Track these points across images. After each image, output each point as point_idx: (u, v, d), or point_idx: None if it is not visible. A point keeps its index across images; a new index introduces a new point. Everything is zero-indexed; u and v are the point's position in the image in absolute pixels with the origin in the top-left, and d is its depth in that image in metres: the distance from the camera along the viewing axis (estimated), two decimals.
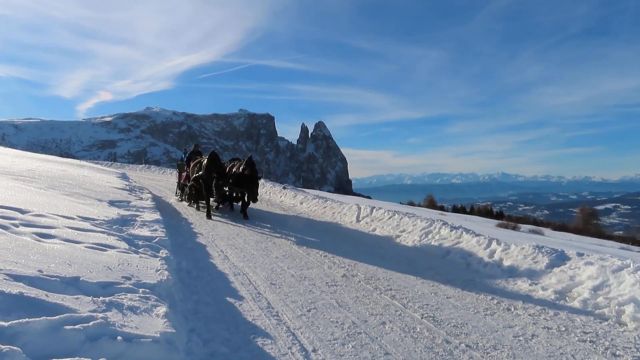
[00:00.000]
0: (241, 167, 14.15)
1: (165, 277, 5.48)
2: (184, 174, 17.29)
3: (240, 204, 15.31)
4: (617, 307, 6.17)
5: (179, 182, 18.83)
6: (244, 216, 14.23)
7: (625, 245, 26.96)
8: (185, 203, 16.89)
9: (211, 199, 14.77)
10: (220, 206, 16.09)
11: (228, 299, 6.25)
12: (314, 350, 4.76)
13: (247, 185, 13.96)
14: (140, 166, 42.04)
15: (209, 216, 13.93)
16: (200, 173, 14.59)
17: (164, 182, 27.18)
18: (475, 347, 5.08)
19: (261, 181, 23.80)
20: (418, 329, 5.52)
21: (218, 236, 10.91)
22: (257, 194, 14.18)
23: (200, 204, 16.05)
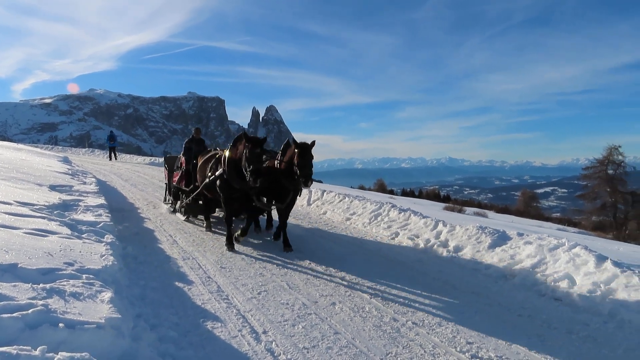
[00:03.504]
0: (295, 161, 7.92)
1: (111, 263, 5.33)
2: (177, 171, 11.60)
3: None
4: (553, 283, 6.51)
5: (168, 184, 12.67)
6: (286, 246, 8.48)
7: (562, 226, 28.47)
8: (180, 216, 11.15)
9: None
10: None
11: (177, 283, 6.17)
12: (264, 332, 4.78)
13: (294, 191, 8.62)
14: (84, 150, 40.53)
15: (231, 246, 8.26)
16: (219, 173, 8.55)
17: (109, 166, 26.30)
18: (421, 324, 5.24)
19: None
20: (367, 309, 5.63)
21: (167, 221, 10.69)
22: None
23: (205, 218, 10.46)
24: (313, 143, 8.04)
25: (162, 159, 32.34)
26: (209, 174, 9.00)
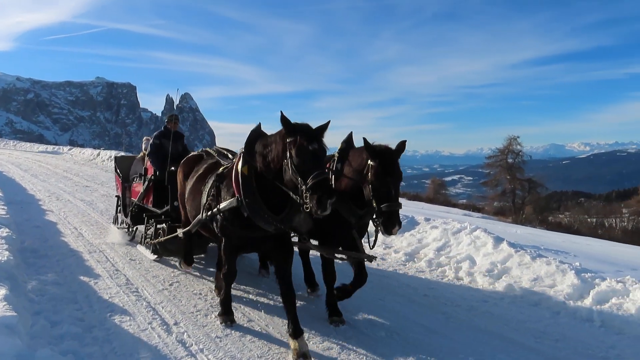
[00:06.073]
0: (369, 180, 4.42)
1: (6, 258, 5.00)
2: (139, 182, 7.75)
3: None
4: (455, 264, 6.96)
5: (123, 199, 8.44)
6: (332, 315, 4.99)
7: (467, 212, 30.32)
8: (148, 254, 6.97)
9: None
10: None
11: (81, 277, 5.87)
12: (176, 324, 4.69)
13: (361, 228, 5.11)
14: None
15: (228, 316, 4.83)
16: (228, 205, 4.45)
17: (5, 155, 24.34)
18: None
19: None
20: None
21: (71, 213, 10.11)
22: None
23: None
24: (402, 146, 4.58)
25: (67, 148, 30.32)
26: (206, 199, 4.90)
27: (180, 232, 5.99)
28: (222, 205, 4.51)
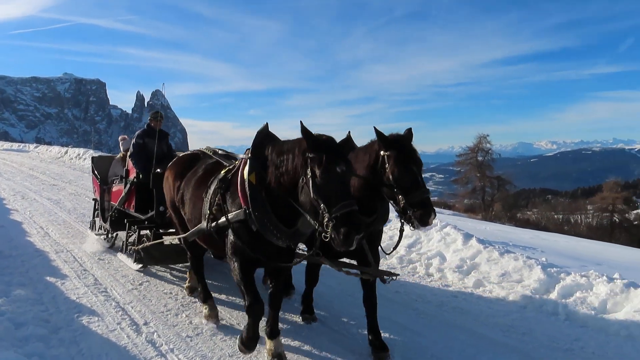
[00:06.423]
0: (389, 174, 3.91)
1: None
2: (120, 185, 7.17)
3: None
4: (426, 261, 7.06)
5: (101, 203, 7.75)
6: (305, 312, 5.11)
7: (438, 209, 30.68)
8: (131, 264, 6.41)
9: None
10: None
11: (48, 278, 5.75)
12: (146, 324, 4.64)
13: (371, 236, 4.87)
14: None
15: (252, 345, 4.03)
16: (236, 217, 3.87)
17: None
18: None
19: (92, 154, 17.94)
20: None
21: (37, 212, 9.86)
22: None
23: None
24: (411, 134, 4.14)
25: (34, 146, 29.54)
26: (209, 208, 4.20)
27: (167, 239, 5.76)
28: (229, 217, 3.91)
